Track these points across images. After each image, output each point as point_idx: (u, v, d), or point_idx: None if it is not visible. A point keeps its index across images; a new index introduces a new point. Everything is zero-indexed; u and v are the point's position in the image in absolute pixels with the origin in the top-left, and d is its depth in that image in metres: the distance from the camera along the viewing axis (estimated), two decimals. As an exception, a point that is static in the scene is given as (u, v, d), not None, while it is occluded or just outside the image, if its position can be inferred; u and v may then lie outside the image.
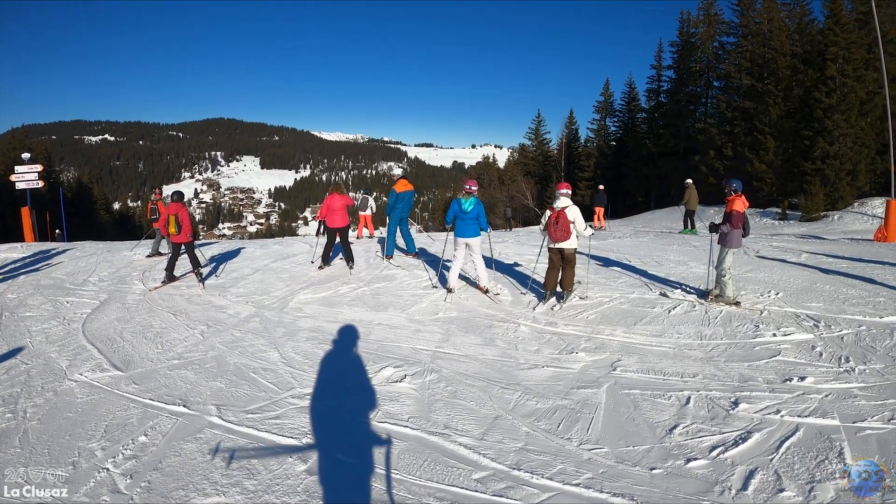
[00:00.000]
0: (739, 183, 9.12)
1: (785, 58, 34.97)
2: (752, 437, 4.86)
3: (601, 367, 6.70)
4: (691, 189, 21.49)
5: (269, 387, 6.21)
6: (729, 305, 8.90)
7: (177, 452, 4.80)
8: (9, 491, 4.38)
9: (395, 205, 13.31)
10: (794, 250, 14.43)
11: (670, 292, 9.79)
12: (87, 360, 7.12)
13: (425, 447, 4.87)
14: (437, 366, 6.79)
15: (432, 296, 10.12)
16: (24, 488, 4.39)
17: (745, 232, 9.07)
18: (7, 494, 4.35)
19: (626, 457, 4.67)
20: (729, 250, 8.94)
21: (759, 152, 35.01)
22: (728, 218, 8.93)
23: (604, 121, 58.68)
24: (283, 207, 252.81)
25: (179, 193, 11.58)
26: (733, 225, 8.85)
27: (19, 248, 16.34)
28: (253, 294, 10.57)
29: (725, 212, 9.08)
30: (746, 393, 5.79)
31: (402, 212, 13.46)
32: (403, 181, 13.71)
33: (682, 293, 9.72)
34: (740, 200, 8.92)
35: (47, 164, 52.30)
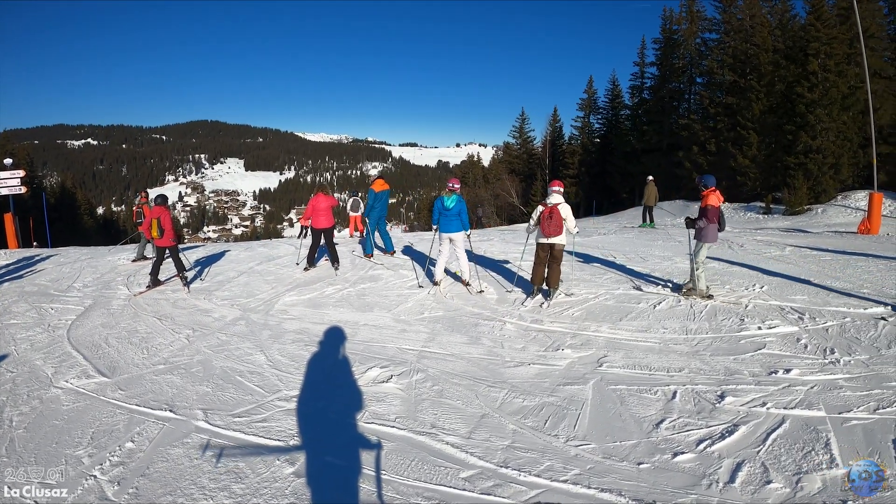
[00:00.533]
0: (712, 178, 9.26)
1: (767, 54, 35.11)
2: (738, 430, 4.90)
3: (587, 363, 6.72)
4: (650, 185, 23.05)
5: (256, 390, 6.18)
6: (702, 299, 9.03)
7: (164, 458, 4.77)
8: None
9: (374, 204, 13.49)
10: (778, 244, 14.56)
11: (645, 286, 9.96)
12: (72, 367, 7.06)
13: (413, 447, 4.86)
14: (424, 365, 6.79)
15: (418, 295, 10.14)
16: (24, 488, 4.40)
17: (720, 226, 9.17)
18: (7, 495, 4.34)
19: (613, 452, 4.69)
20: (704, 245, 9.08)
21: (742, 147, 35.14)
22: (703, 213, 9.03)
23: (588, 118, 58.68)
24: (267, 209, 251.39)
25: (163, 197, 11.54)
26: (709, 220, 8.95)
27: (2, 255, 16.19)
28: (238, 297, 10.53)
29: (700, 207, 9.17)
30: (732, 386, 5.83)
31: (381, 211, 13.68)
32: (380, 181, 13.91)
33: (661, 287, 9.87)
34: (714, 195, 9.05)
35: (29, 169, 51.85)
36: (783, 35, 36.68)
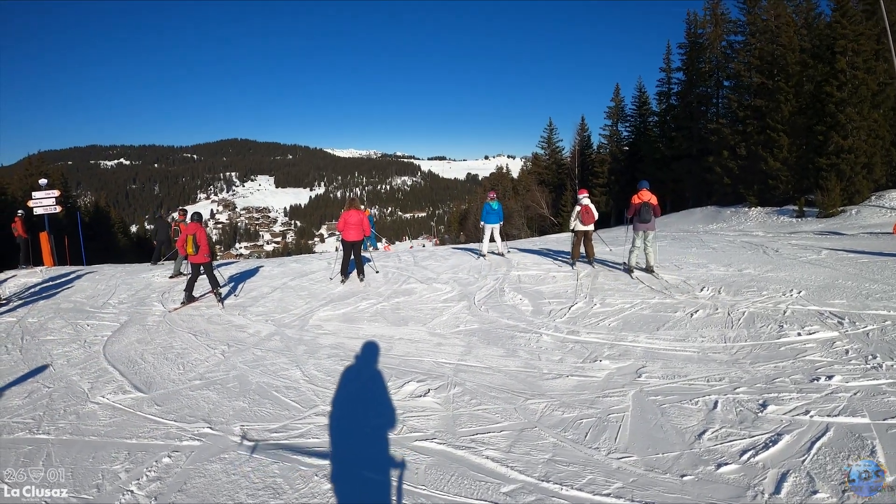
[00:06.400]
0: (644, 182, 12.25)
1: (794, 53, 34.71)
2: (782, 440, 4.78)
3: (626, 374, 6.62)
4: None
5: (292, 405, 6.18)
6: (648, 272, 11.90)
7: (202, 473, 4.77)
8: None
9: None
10: (813, 247, 14.33)
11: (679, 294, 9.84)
12: (108, 383, 7.13)
13: (452, 461, 4.81)
14: (461, 379, 6.73)
15: (453, 308, 10.10)
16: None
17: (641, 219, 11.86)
18: None
19: (655, 464, 4.59)
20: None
21: (772, 150, 34.69)
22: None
23: (615, 126, 58.47)
24: (298, 225, 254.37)
25: (198, 214, 11.68)
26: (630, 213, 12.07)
27: (39, 273, 16.43)
28: (273, 312, 10.57)
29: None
30: (774, 394, 5.70)
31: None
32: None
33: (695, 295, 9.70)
34: (636, 196, 11.93)
35: (64, 189, 52.74)
36: (809, 34, 36.31)
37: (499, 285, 11.69)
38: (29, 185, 38.23)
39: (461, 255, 16.78)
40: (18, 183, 49.36)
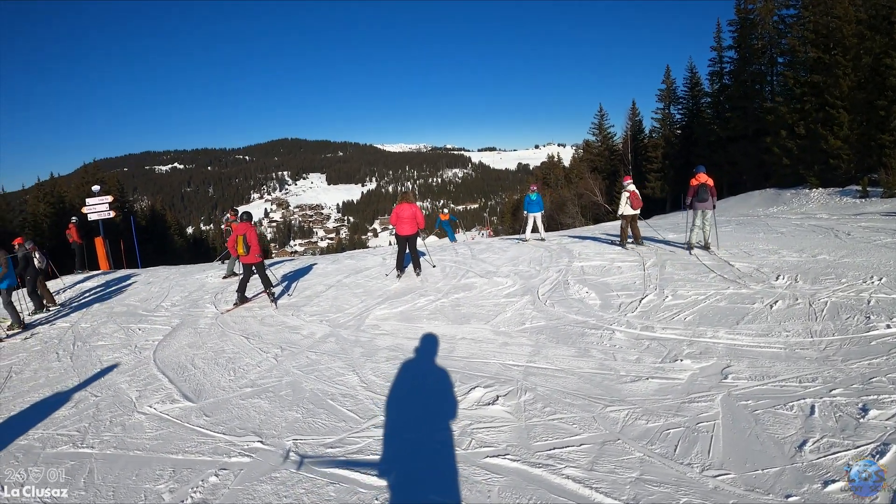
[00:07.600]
0: (700, 167, 13.13)
1: (850, 25, 33.03)
2: (890, 450, 4.21)
3: (710, 374, 6.03)
4: None
5: (349, 415, 5.75)
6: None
7: (250, 495, 4.39)
8: None
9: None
10: (884, 229, 13.57)
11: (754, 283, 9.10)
12: (157, 391, 6.93)
13: (528, 482, 4.28)
14: (531, 383, 6.20)
15: (516, 304, 9.62)
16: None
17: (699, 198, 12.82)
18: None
19: (756, 483, 4.04)
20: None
21: (832, 128, 33.09)
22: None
23: (668, 109, 56.88)
24: (351, 221, 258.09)
25: (248, 214, 11.59)
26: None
27: (94, 277, 16.57)
28: (327, 312, 10.30)
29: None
30: (873, 396, 5.09)
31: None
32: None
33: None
34: (693, 179, 12.90)
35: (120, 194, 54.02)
36: (865, 4, 34.52)
37: (562, 277, 11.18)
38: (85, 193, 39.11)
39: (520, 246, 16.47)
40: (75, 191, 50.82)
